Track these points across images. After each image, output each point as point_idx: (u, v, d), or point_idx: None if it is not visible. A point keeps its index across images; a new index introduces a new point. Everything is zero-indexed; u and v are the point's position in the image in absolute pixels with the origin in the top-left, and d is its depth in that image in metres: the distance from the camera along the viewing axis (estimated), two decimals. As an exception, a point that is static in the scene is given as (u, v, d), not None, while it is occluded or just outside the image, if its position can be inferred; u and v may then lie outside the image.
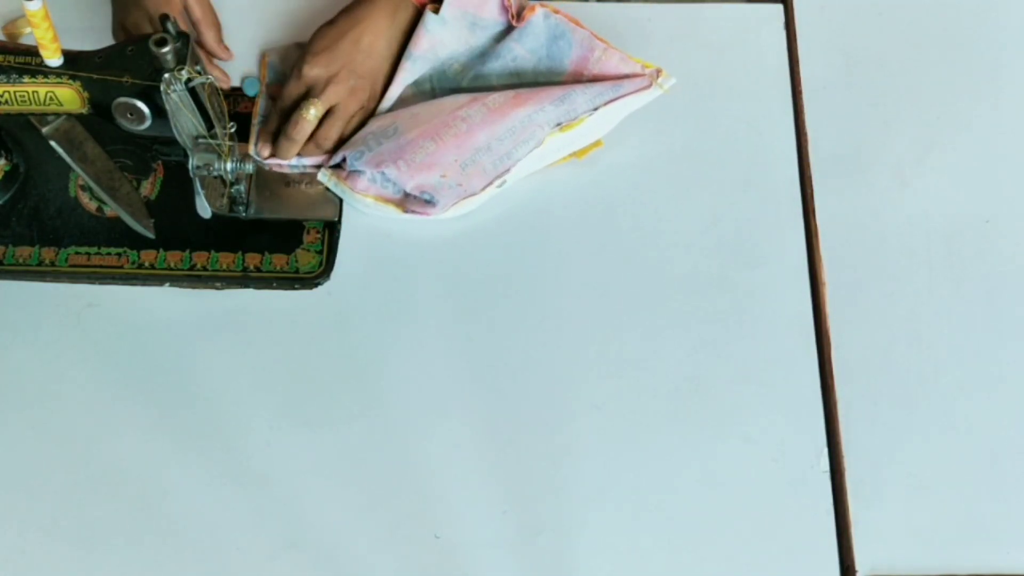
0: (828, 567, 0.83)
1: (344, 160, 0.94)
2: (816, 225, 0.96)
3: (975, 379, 0.90)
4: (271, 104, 0.98)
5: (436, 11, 0.97)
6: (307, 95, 0.94)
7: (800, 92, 1.02)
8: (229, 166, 0.87)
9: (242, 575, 0.83)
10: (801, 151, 0.99)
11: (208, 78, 0.82)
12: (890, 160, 0.99)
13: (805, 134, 1.00)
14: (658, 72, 0.97)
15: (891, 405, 0.89)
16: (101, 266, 0.93)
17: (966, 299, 0.93)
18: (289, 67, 0.99)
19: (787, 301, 0.93)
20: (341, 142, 0.96)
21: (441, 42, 0.98)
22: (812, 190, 0.97)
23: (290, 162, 0.96)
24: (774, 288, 0.93)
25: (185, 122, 0.84)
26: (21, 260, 0.93)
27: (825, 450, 0.87)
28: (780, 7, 1.07)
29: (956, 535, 0.85)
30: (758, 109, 1.01)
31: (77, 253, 0.93)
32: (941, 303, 0.93)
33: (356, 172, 0.94)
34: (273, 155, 0.95)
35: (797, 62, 1.03)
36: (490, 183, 0.94)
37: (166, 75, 0.80)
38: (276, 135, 0.95)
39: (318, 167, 0.96)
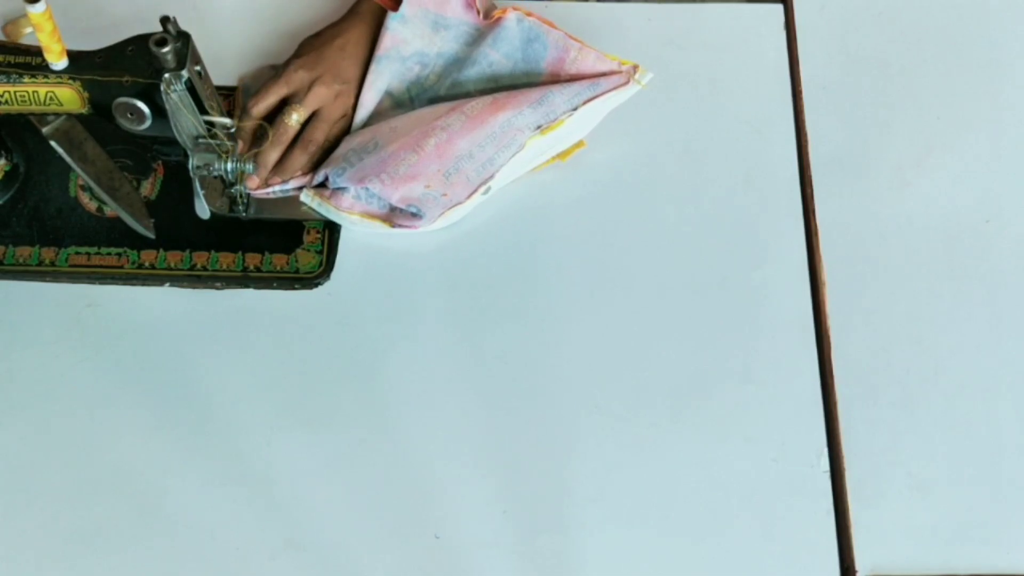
0: (828, 567, 0.83)
1: (327, 179, 0.94)
2: (816, 225, 0.96)
3: (975, 379, 0.90)
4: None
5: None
6: (289, 101, 0.94)
7: (800, 92, 1.02)
8: (229, 166, 0.87)
9: (242, 575, 0.83)
10: (801, 151, 0.99)
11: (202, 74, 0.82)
12: (890, 160, 0.99)
13: (805, 134, 1.00)
14: (635, 68, 0.97)
15: (891, 405, 0.89)
16: (101, 266, 0.93)
17: (966, 299, 0.93)
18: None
19: (787, 301, 0.93)
20: (324, 155, 0.96)
21: (404, 40, 0.97)
22: (812, 190, 0.97)
23: (273, 188, 0.95)
24: (774, 288, 0.93)
25: (185, 122, 0.83)
26: (21, 260, 0.93)
27: (825, 450, 0.87)
28: (780, 7, 1.07)
29: (956, 535, 0.84)
30: (758, 109, 1.01)
31: (77, 253, 0.93)
32: (941, 303, 0.93)
33: (340, 190, 0.93)
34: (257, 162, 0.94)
35: (797, 62, 1.03)
36: (475, 191, 0.93)
37: (166, 75, 0.80)
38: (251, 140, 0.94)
39: (300, 189, 0.95)
